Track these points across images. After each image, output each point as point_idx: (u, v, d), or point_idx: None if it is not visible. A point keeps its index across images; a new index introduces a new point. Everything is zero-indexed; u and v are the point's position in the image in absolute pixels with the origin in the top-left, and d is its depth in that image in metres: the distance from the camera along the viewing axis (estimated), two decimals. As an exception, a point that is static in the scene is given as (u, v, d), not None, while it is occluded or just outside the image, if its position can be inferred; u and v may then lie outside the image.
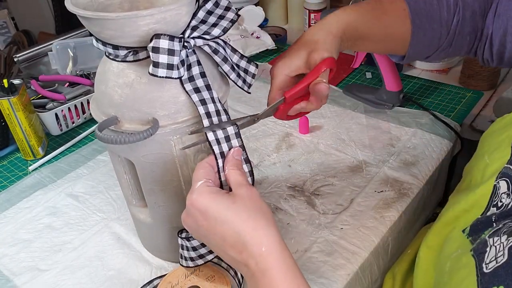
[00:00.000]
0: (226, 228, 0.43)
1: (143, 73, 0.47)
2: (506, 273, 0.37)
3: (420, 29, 0.59)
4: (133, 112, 0.48)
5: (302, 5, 1.25)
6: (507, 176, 0.46)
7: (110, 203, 0.74)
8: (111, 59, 0.48)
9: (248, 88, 0.55)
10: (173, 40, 0.43)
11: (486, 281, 0.38)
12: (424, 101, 0.93)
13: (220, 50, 0.49)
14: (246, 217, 0.43)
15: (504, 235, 0.40)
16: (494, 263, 0.38)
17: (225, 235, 0.43)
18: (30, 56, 1.02)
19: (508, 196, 0.45)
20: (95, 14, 0.42)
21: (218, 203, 0.44)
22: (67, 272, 0.63)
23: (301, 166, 0.77)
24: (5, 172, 0.84)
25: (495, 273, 0.38)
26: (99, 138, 0.46)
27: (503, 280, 0.37)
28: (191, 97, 0.47)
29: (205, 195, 0.44)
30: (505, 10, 0.58)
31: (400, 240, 0.68)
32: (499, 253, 0.39)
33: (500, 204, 0.45)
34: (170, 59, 0.44)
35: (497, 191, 0.47)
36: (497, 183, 0.47)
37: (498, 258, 0.38)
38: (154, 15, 0.43)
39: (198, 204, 0.44)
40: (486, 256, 0.40)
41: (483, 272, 0.39)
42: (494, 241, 0.40)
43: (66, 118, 0.91)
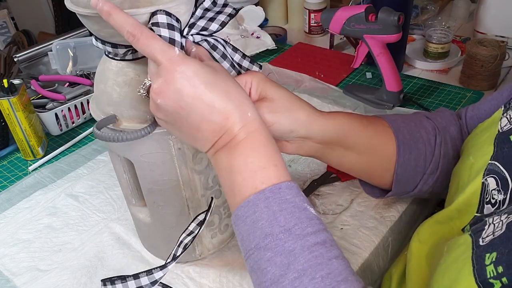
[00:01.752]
0: (216, 93, 0.41)
1: (142, 72, 0.47)
2: (501, 242, 0.37)
3: (405, 146, 0.57)
4: (132, 110, 0.48)
5: (302, 5, 1.25)
6: (494, 173, 0.46)
7: (110, 203, 0.74)
8: (110, 57, 0.48)
9: None
10: (170, 16, 0.43)
11: (481, 250, 0.38)
12: (425, 101, 0.93)
13: (219, 47, 0.49)
14: (232, 85, 0.43)
15: (504, 214, 0.40)
16: (491, 237, 0.38)
17: (214, 102, 0.41)
18: (30, 56, 1.02)
19: (499, 192, 0.45)
20: (94, 12, 0.42)
21: (206, 69, 0.42)
22: (67, 272, 0.63)
23: (301, 166, 0.77)
24: (5, 172, 0.84)
25: (491, 243, 0.38)
26: (96, 135, 0.46)
27: (497, 247, 0.37)
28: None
29: (191, 62, 0.42)
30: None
31: (401, 240, 0.68)
32: (497, 228, 0.39)
33: (493, 201, 0.45)
34: (171, 34, 0.43)
35: (486, 188, 0.47)
36: (485, 181, 0.47)
37: (496, 232, 0.38)
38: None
39: (187, 70, 0.41)
40: (484, 232, 0.40)
41: (478, 245, 0.39)
42: (493, 220, 0.40)
43: (66, 118, 0.91)
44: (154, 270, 0.45)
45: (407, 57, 1.08)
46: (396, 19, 0.79)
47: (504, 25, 1.08)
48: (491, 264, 0.36)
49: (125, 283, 0.45)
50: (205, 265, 0.61)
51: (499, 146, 0.48)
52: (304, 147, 0.55)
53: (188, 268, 0.61)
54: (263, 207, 0.40)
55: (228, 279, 0.59)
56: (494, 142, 0.49)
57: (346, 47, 1.19)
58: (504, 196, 0.44)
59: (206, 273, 0.60)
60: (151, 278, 0.45)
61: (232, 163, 0.42)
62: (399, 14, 0.79)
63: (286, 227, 0.40)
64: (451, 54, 1.07)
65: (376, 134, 0.58)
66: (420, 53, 1.09)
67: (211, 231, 0.60)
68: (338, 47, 1.20)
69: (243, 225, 0.41)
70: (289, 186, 0.42)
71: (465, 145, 0.56)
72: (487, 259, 0.37)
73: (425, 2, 1.26)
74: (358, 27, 0.84)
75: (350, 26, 0.84)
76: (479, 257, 0.38)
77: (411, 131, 0.59)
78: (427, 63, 1.06)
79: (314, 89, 0.98)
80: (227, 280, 0.59)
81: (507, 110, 0.51)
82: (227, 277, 0.59)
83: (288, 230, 0.39)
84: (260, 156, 0.42)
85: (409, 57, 1.08)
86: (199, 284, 0.59)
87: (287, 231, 0.39)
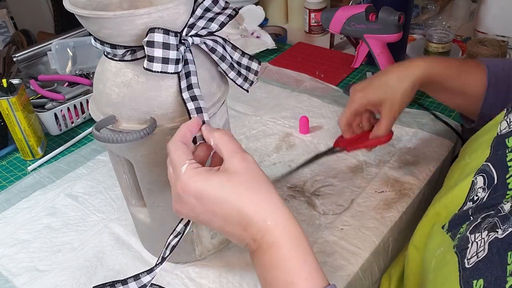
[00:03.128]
0: (226, 208, 0.40)
1: (141, 72, 0.47)
2: (485, 266, 0.37)
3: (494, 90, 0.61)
4: (131, 111, 0.48)
5: (302, 5, 1.25)
6: (484, 172, 0.47)
7: (109, 203, 0.74)
8: (109, 58, 0.48)
9: (250, 86, 0.54)
10: (168, 34, 0.43)
11: (467, 275, 0.38)
12: (425, 101, 0.93)
13: (218, 49, 0.49)
14: (245, 193, 0.40)
15: (484, 230, 0.40)
16: (475, 258, 0.39)
17: (227, 216, 0.40)
18: (29, 55, 1.02)
19: (483, 190, 0.45)
20: (93, 13, 0.42)
21: (213, 184, 0.40)
22: (67, 272, 0.63)
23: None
24: (4, 172, 0.84)
25: (476, 267, 0.38)
26: (95, 137, 0.46)
27: (483, 273, 0.37)
28: (182, 94, 0.46)
29: (196, 178, 0.40)
30: None
31: (401, 240, 0.68)
32: (480, 248, 0.39)
33: (476, 198, 0.46)
34: (166, 53, 0.43)
35: (474, 186, 0.47)
36: (474, 179, 0.48)
37: (479, 253, 0.39)
38: (151, 13, 0.42)
39: (191, 189, 0.40)
40: (468, 252, 0.40)
41: (464, 267, 0.39)
42: (475, 237, 0.40)
43: (65, 118, 0.91)
44: (142, 275, 0.45)
45: (407, 57, 1.07)
46: (396, 18, 0.79)
47: (504, 24, 1.08)
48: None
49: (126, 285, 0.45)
50: (205, 266, 0.61)
51: (495, 148, 0.49)
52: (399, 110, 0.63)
53: (188, 269, 0.61)
54: None
55: (228, 280, 0.59)
56: (491, 145, 0.49)
57: (347, 46, 1.19)
58: (486, 194, 0.45)
59: (205, 274, 0.60)
60: (139, 283, 0.45)
61: (262, 272, 0.42)
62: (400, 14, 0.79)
63: None
64: (452, 54, 1.06)
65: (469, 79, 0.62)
66: (421, 52, 1.09)
67: (211, 232, 0.60)
68: (338, 46, 1.19)
69: None
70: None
71: (465, 146, 0.57)
72: (475, 286, 0.37)
73: (426, 1, 1.26)
74: (358, 26, 0.83)
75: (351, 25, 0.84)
76: (467, 283, 0.38)
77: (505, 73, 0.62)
78: (428, 63, 1.05)
79: (314, 89, 0.98)
80: (227, 280, 0.59)
81: (508, 113, 0.51)
82: (227, 277, 0.59)
83: None
84: (287, 270, 0.40)
85: (410, 57, 1.07)
86: (199, 284, 0.59)
87: None
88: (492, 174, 0.46)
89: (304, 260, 0.40)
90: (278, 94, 0.97)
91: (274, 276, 0.40)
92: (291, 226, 0.41)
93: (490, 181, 0.45)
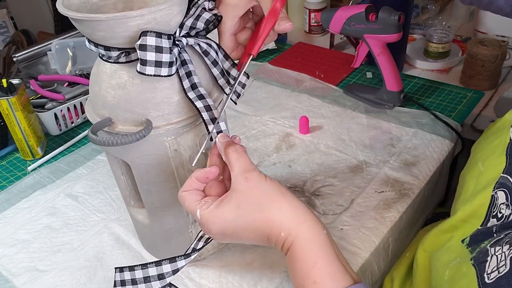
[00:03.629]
0: (247, 233, 0.43)
1: (136, 74, 0.46)
2: (508, 283, 0.37)
3: None
4: (126, 113, 0.48)
5: (302, 5, 1.25)
6: (505, 187, 0.46)
7: (109, 203, 0.74)
8: (104, 60, 0.48)
9: (237, 98, 0.53)
10: (160, 37, 0.43)
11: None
12: (425, 101, 0.93)
13: (211, 53, 0.49)
14: (256, 215, 0.43)
15: (506, 244, 0.39)
16: (496, 273, 0.38)
17: (251, 238, 0.44)
18: (29, 55, 1.02)
19: (507, 207, 0.44)
20: (85, 16, 0.42)
21: (226, 219, 0.43)
22: (66, 272, 0.63)
23: (301, 167, 0.77)
24: (4, 172, 0.84)
25: (497, 283, 0.37)
26: (91, 140, 0.46)
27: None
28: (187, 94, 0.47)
29: (211, 219, 0.44)
30: None
31: (401, 240, 0.68)
32: (501, 263, 0.38)
33: (500, 215, 0.45)
34: (158, 56, 0.43)
35: (495, 201, 0.46)
36: (495, 193, 0.46)
37: (500, 268, 0.38)
38: (145, 15, 0.42)
39: (212, 231, 0.44)
40: (488, 266, 0.39)
41: (484, 282, 0.38)
42: (495, 251, 0.40)
43: (65, 118, 0.91)
44: (178, 259, 0.46)
45: (407, 57, 1.08)
46: (396, 18, 0.79)
47: (504, 24, 1.08)
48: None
49: (146, 270, 0.45)
50: (204, 266, 0.61)
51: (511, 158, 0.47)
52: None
53: (187, 269, 0.61)
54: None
55: (228, 280, 0.59)
56: (506, 153, 0.48)
57: (346, 47, 1.19)
58: (511, 212, 0.44)
59: (205, 274, 0.60)
60: (173, 266, 0.46)
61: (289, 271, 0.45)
62: (400, 14, 0.79)
63: None
64: (452, 54, 1.06)
65: None
66: (421, 52, 1.09)
67: (210, 232, 0.59)
68: (338, 47, 1.19)
69: None
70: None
71: (475, 148, 0.55)
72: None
73: (426, 1, 1.26)
74: (358, 26, 0.83)
75: (350, 25, 0.84)
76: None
77: None
78: (428, 63, 1.05)
79: (314, 89, 0.98)
80: (226, 280, 0.59)
81: None
82: (226, 277, 0.59)
83: None
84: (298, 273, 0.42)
85: (410, 57, 1.08)
86: (199, 284, 0.59)
87: None
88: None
89: (314, 264, 0.41)
90: (278, 94, 0.97)
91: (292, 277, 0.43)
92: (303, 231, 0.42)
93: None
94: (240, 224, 0.43)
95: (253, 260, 0.61)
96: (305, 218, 0.43)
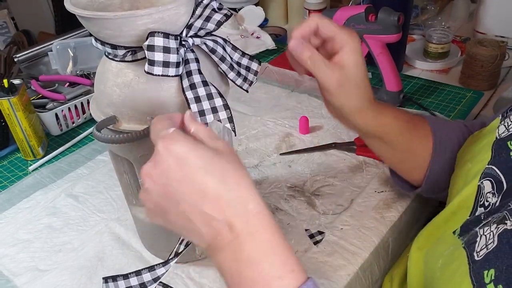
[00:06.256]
0: (209, 179, 0.36)
1: (142, 73, 0.47)
2: (496, 257, 0.37)
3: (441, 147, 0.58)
4: (131, 111, 0.48)
5: (302, 5, 1.25)
6: (491, 176, 0.46)
7: (110, 203, 0.74)
8: (110, 58, 0.48)
9: (249, 86, 0.54)
10: (168, 38, 0.43)
11: (478, 267, 0.38)
12: (424, 101, 0.93)
13: (218, 50, 0.49)
14: (232, 171, 0.37)
15: (494, 224, 0.40)
16: (485, 250, 0.39)
17: (207, 188, 0.36)
18: (30, 56, 1.02)
19: (493, 195, 0.45)
20: (93, 14, 0.42)
21: (200, 150, 0.37)
22: (67, 272, 0.63)
23: (301, 167, 0.77)
24: (5, 172, 0.84)
25: (486, 258, 0.38)
26: (96, 137, 0.46)
27: (494, 263, 0.37)
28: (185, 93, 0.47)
29: (184, 141, 0.37)
30: None
31: (401, 240, 0.68)
32: (489, 241, 0.39)
33: (487, 204, 0.46)
34: (166, 57, 0.43)
35: (482, 191, 0.47)
36: (481, 183, 0.47)
37: (488, 245, 0.39)
38: (152, 14, 0.43)
39: (176, 149, 0.36)
40: (477, 245, 0.40)
41: (474, 260, 0.39)
42: (484, 231, 0.41)
43: (66, 118, 0.91)
44: (157, 267, 0.45)
45: (407, 57, 1.08)
46: (396, 19, 0.79)
47: (504, 25, 1.08)
48: (491, 283, 0.36)
49: (127, 280, 0.45)
50: (205, 265, 0.61)
51: (496, 152, 0.48)
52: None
53: (188, 268, 0.61)
54: None
55: (228, 279, 0.59)
56: (492, 148, 0.49)
57: (346, 47, 1.19)
58: (497, 199, 0.44)
59: (206, 273, 0.60)
60: (153, 275, 0.45)
61: (239, 269, 0.37)
62: (399, 14, 0.79)
63: None
64: (451, 54, 1.07)
65: (417, 136, 0.58)
66: (420, 53, 1.09)
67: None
68: (338, 47, 1.19)
69: None
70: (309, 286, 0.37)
71: (462, 152, 0.56)
72: (486, 276, 0.37)
73: (425, 2, 1.26)
74: (358, 27, 0.84)
75: (350, 26, 0.84)
76: (478, 274, 0.38)
77: (449, 133, 0.59)
78: (427, 63, 1.06)
79: (314, 89, 0.98)
80: (227, 280, 0.59)
81: (504, 119, 0.51)
82: (227, 277, 0.59)
83: None
84: (272, 263, 0.37)
85: (409, 57, 1.08)
86: (199, 284, 0.59)
87: None
88: (499, 177, 0.45)
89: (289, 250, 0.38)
90: (278, 94, 0.97)
91: (257, 271, 0.37)
92: (270, 216, 0.38)
93: (498, 186, 0.45)
94: (210, 166, 0.36)
95: (253, 260, 0.61)
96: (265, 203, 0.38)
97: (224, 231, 0.37)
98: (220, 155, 0.38)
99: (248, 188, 0.37)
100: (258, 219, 0.37)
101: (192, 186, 0.36)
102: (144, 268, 0.45)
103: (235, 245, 0.37)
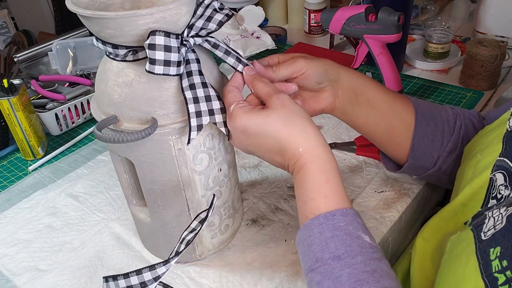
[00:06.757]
0: (267, 140, 0.47)
1: (143, 73, 0.47)
2: (503, 236, 0.38)
3: (423, 117, 0.59)
4: (132, 111, 0.48)
5: (302, 5, 1.25)
6: (503, 169, 0.46)
7: (110, 203, 0.74)
8: (111, 58, 0.48)
9: None
10: (169, 37, 0.43)
11: (484, 246, 0.39)
12: (424, 101, 0.93)
13: (221, 44, 0.50)
14: (282, 126, 0.46)
15: (503, 207, 0.40)
16: (492, 231, 0.39)
17: (268, 146, 0.47)
18: (30, 56, 1.02)
19: (506, 187, 0.45)
20: (95, 13, 0.42)
21: (254, 120, 0.47)
22: (67, 272, 0.63)
23: (301, 166, 0.77)
24: (5, 172, 0.84)
25: (493, 237, 0.38)
26: (97, 137, 0.46)
27: (500, 241, 0.37)
28: (184, 93, 0.47)
29: (240, 116, 0.47)
30: None
31: (400, 240, 0.68)
32: (497, 222, 0.39)
33: (499, 196, 0.46)
34: (167, 56, 0.44)
35: (494, 183, 0.47)
36: (493, 176, 0.47)
37: (496, 226, 0.39)
38: (153, 14, 0.43)
39: (237, 125, 0.47)
40: (485, 226, 0.41)
41: (481, 239, 0.40)
42: (493, 213, 0.41)
43: (66, 118, 0.91)
44: (157, 266, 0.45)
45: (407, 57, 1.08)
46: (396, 19, 0.79)
47: (504, 25, 1.08)
48: (496, 259, 0.36)
49: (128, 279, 0.45)
50: (205, 265, 0.61)
51: (508, 143, 0.48)
52: (339, 95, 0.58)
53: (188, 268, 0.61)
54: (316, 232, 0.44)
55: (228, 279, 0.59)
56: (503, 140, 0.49)
57: (346, 47, 1.19)
58: (510, 191, 0.44)
59: (206, 273, 0.60)
60: (154, 274, 0.45)
61: (295, 191, 0.48)
62: (399, 14, 0.79)
63: (335, 253, 0.42)
64: (451, 54, 1.07)
65: (396, 99, 0.60)
66: (420, 53, 1.09)
67: (211, 232, 0.60)
68: (338, 47, 1.20)
69: (301, 246, 0.45)
70: (344, 213, 0.44)
71: (472, 145, 0.56)
72: (492, 254, 0.37)
73: (425, 2, 1.26)
74: (358, 27, 0.84)
75: (350, 26, 0.84)
76: (484, 252, 0.38)
77: (431, 108, 0.61)
78: (427, 63, 1.06)
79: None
80: (227, 280, 0.59)
81: None
82: (227, 277, 0.59)
83: (337, 257, 0.42)
84: (309, 188, 0.46)
85: (409, 57, 1.08)
86: (199, 284, 0.59)
87: (336, 258, 0.42)
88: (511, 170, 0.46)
89: (327, 181, 0.45)
90: (278, 94, 0.97)
91: (301, 193, 0.46)
92: (321, 152, 0.46)
93: (511, 178, 0.45)
94: (263, 129, 0.47)
95: (253, 260, 0.61)
96: (324, 143, 0.47)
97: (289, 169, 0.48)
98: (270, 115, 0.47)
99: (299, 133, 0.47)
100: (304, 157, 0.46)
101: (259, 147, 0.49)
102: (145, 267, 0.45)
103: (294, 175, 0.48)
